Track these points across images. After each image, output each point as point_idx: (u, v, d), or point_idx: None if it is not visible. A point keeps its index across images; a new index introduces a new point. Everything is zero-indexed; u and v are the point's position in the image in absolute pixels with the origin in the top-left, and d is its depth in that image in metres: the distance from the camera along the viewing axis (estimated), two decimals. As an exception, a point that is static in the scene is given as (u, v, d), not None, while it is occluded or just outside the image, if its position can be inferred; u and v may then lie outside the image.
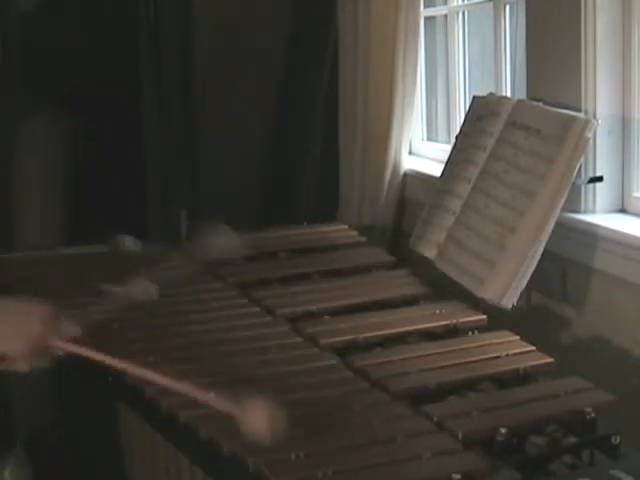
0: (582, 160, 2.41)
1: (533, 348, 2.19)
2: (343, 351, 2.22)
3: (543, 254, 2.37)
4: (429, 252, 2.68)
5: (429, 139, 3.69)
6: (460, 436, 1.78)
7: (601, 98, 2.52)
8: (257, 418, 1.54)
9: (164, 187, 4.18)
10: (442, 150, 3.30)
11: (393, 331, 2.32)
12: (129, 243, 2.81)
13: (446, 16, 3.51)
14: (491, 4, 3.15)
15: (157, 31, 4.29)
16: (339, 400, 1.96)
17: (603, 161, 2.55)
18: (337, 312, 2.46)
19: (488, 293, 2.39)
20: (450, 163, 2.81)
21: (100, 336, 2.27)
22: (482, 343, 2.24)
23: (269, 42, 4.20)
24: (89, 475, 2.70)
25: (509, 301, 2.36)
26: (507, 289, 2.36)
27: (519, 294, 2.37)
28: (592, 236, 2.48)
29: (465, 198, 2.61)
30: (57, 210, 3.92)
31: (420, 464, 1.72)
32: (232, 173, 4.12)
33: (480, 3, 3.39)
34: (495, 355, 2.17)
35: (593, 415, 1.86)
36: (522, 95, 2.77)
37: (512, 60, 3.00)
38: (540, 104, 2.55)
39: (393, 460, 1.74)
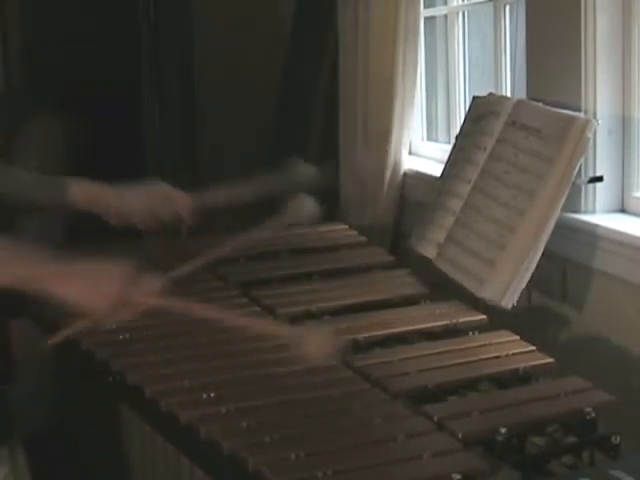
0: (582, 160, 2.41)
1: (533, 348, 2.19)
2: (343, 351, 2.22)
3: (543, 254, 2.36)
4: (429, 252, 2.68)
5: (429, 139, 3.68)
6: (460, 436, 1.78)
7: (601, 98, 2.52)
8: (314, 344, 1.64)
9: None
10: (442, 150, 3.30)
11: (393, 331, 2.32)
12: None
13: (446, 16, 3.51)
14: (491, 4, 3.15)
15: (157, 31, 4.30)
16: (339, 400, 1.96)
17: (603, 161, 2.55)
18: (337, 312, 2.46)
19: (488, 293, 2.39)
20: (450, 163, 2.81)
21: (99, 336, 2.29)
22: (482, 343, 2.24)
23: (269, 42, 4.20)
24: (89, 476, 2.70)
25: (509, 301, 2.36)
26: (507, 289, 2.36)
27: (519, 294, 2.37)
28: (592, 236, 2.48)
29: (465, 198, 2.61)
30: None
31: (420, 464, 1.72)
32: (232, 173, 4.11)
33: (480, 3, 3.39)
34: (495, 355, 2.17)
35: (593, 415, 1.86)
36: (522, 95, 2.77)
37: (512, 60, 3.00)
38: (540, 104, 2.54)
39: (393, 460, 1.74)
